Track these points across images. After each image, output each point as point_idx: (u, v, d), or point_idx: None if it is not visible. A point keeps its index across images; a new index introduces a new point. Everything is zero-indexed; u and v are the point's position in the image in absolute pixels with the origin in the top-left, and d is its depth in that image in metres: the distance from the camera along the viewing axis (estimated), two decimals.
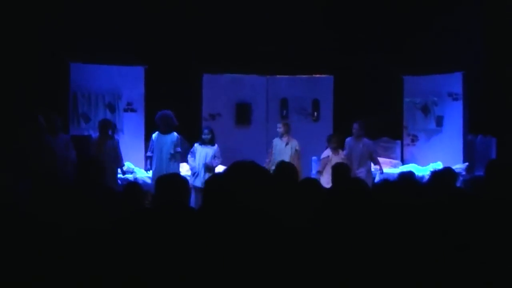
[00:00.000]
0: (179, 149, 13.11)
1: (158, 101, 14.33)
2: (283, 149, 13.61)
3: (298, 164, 13.04)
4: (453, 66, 15.21)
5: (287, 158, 13.12)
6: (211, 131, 13.40)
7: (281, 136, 13.81)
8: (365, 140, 13.76)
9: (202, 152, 13.23)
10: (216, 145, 13.33)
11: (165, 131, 13.09)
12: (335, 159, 13.19)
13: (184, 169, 13.68)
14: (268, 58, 15.78)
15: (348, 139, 13.80)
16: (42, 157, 12.13)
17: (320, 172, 13.22)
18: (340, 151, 13.57)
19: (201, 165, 13.17)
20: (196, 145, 13.35)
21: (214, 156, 13.23)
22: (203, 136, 13.32)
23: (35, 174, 11.09)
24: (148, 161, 13.31)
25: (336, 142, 13.52)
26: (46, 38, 13.63)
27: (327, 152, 13.46)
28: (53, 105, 13.45)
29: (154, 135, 13.22)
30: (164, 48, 15.43)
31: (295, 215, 4.83)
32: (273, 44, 15.70)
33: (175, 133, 13.15)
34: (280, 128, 13.85)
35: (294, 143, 13.71)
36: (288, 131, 13.83)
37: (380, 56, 15.90)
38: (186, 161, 13.47)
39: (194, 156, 13.26)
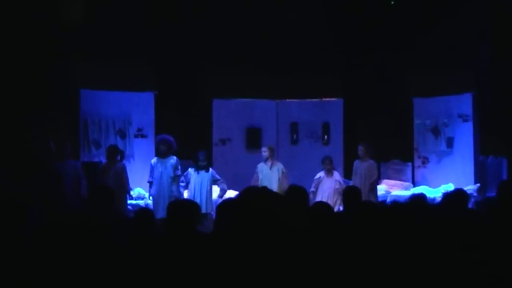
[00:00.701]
0: (178, 172, 12.94)
1: (169, 126, 14.35)
2: (269, 173, 13.58)
3: (288, 185, 13.00)
4: (463, 87, 15.21)
5: (275, 182, 13.26)
6: (207, 157, 13.24)
7: (265, 160, 13.74)
8: (370, 161, 13.81)
9: (197, 179, 12.99)
10: (210, 169, 13.19)
11: (165, 155, 12.96)
12: (326, 180, 13.51)
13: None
14: (277, 82, 15.82)
15: (355, 162, 13.94)
16: (50, 183, 12.18)
17: (313, 192, 13.34)
18: (335, 173, 13.70)
19: (197, 191, 13.00)
20: (190, 170, 13.10)
21: (214, 181, 13.11)
22: (200, 163, 13.05)
23: (44, 200, 11.18)
24: (150, 187, 13.22)
25: (330, 164, 13.65)
26: (56, 65, 13.70)
27: (321, 173, 13.63)
28: (64, 132, 13.51)
29: (153, 160, 13.11)
30: (174, 74, 15.49)
31: (307, 239, 4.82)
32: (283, 69, 15.73)
33: (174, 157, 13.02)
34: (265, 152, 13.75)
35: (280, 166, 13.68)
36: (272, 155, 13.78)
37: (390, 78, 15.94)
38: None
39: (186, 181, 13.11)
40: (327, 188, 13.54)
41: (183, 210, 5.86)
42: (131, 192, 13.69)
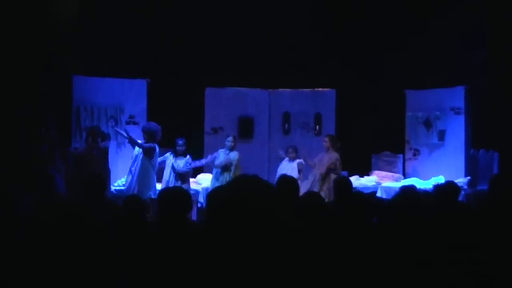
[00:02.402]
0: (155, 161, 12.67)
1: (161, 114, 14.32)
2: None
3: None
4: (456, 80, 15.23)
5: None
6: (185, 143, 12.96)
7: (229, 149, 13.61)
8: (333, 153, 13.54)
9: (174, 164, 12.81)
10: (188, 156, 12.95)
11: (146, 142, 12.70)
12: (289, 164, 13.50)
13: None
14: (270, 72, 15.81)
15: (320, 154, 13.75)
16: (44, 169, 12.15)
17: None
18: (297, 161, 13.67)
19: (172, 176, 12.77)
20: (167, 154, 12.93)
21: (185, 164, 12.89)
22: (178, 148, 12.86)
23: (36, 186, 11.16)
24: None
25: (293, 152, 13.67)
26: (48, 51, 13.65)
27: (285, 161, 13.68)
28: (56, 118, 13.47)
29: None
30: (167, 62, 15.46)
31: (298, 228, 4.83)
32: (276, 58, 15.73)
33: (152, 144, 12.55)
34: (231, 141, 13.63)
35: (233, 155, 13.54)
36: (235, 147, 13.66)
37: (383, 70, 15.94)
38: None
39: (161, 166, 12.90)
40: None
41: (174, 198, 5.85)
42: (122, 179, 13.70)
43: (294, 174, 13.31)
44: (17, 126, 12.60)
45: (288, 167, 13.58)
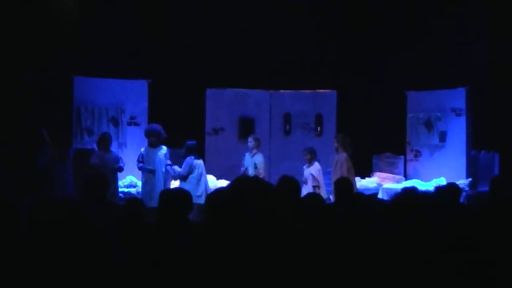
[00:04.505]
0: (168, 162, 12.81)
1: (162, 115, 14.31)
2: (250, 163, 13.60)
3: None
4: (457, 81, 15.22)
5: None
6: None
7: (251, 150, 13.74)
8: (342, 154, 13.66)
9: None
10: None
11: (155, 144, 12.81)
12: (305, 170, 13.44)
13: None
14: (271, 73, 15.81)
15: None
16: (46, 170, 12.16)
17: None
18: (315, 163, 13.65)
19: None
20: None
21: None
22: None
23: (38, 187, 11.16)
24: (143, 173, 12.89)
25: (307, 154, 13.66)
26: (49, 52, 13.65)
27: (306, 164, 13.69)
28: (57, 119, 13.48)
29: (142, 149, 12.96)
30: (168, 63, 15.46)
31: (299, 230, 4.81)
32: (277, 59, 15.73)
33: (164, 146, 12.90)
34: (251, 142, 13.77)
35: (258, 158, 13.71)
36: (258, 146, 13.79)
37: (384, 71, 15.94)
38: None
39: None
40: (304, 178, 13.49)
41: (175, 199, 5.85)
42: (123, 180, 13.71)
43: (309, 180, 13.34)
44: (18, 126, 12.60)
45: (305, 173, 13.59)
